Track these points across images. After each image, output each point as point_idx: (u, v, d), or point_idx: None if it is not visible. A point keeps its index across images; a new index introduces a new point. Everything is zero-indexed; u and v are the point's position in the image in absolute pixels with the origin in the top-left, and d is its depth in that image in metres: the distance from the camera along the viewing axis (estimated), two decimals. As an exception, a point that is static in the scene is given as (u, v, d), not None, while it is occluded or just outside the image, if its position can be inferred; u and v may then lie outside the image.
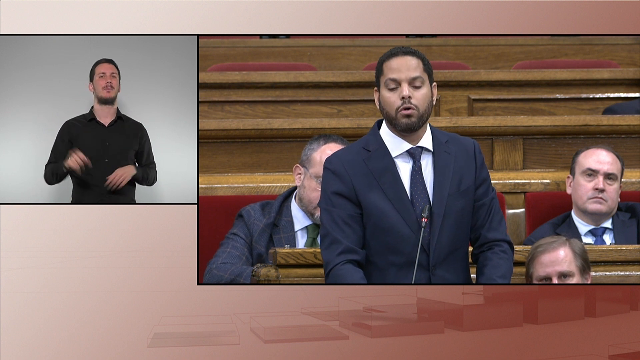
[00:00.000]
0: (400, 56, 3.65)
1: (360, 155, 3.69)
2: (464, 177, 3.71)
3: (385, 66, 3.66)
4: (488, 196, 3.76)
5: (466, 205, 3.71)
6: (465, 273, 3.74)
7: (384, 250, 3.66)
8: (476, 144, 3.77)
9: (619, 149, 4.97)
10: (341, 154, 3.73)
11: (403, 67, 3.63)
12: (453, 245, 3.68)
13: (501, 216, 3.80)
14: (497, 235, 3.76)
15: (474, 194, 3.73)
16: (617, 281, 4.21)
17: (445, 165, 3.68)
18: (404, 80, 3.63)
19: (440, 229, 3.65)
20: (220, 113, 5.76)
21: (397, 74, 3.63)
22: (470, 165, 3.73)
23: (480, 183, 3.74)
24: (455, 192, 3.68)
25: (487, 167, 3.79)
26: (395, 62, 3.65)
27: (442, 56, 6.63)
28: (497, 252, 3.75)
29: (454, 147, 3.72)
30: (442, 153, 3.69)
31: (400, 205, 3.64)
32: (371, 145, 3.70)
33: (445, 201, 3.66)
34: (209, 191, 5.00)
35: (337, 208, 3.66)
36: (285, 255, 4.04)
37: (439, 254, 3.65)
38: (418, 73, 3.64)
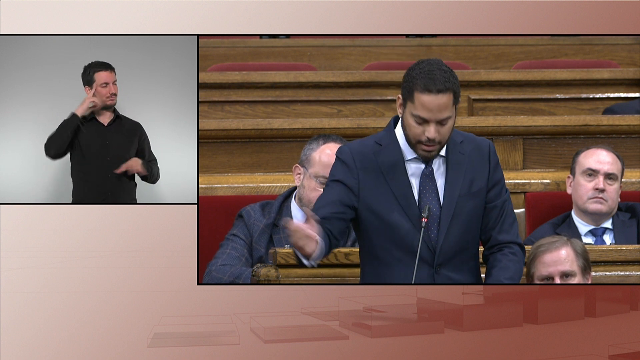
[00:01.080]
0: (433, 94, 3.53)
1: (371, 149, 3.69)
2: (476, 178, 3.69)
3: (417, 98, 3.56)
4: (500, 198, 3.73)
5: (477, 206, 3.69)
6: (472, 273, 3.73)
7: (389, 246, 3.66)
8: (491, 145, 3.74)
9: (619, 149, 4.97)
10: (354, 145, 3.73)
11: (434, 108, 3.54)
12: (460, 245, 3.67)
13: (514, 218, 3.77)
14: (507, 237, 3.74)
15: (485, 196, 3.71)
16: (617, 281, 4.21)
17: (458, 165, 3.67)
18: (432, 121, 3.57)
19: (449, 229, 3.64)
20: (220, 113, 5.76)
21: (427, 114, 3.55)
22: (484, 166, 3.71)
23: (494, 185, 3.72)
24: (467, 193, 3.67)
25: (501, 169, 3.77)
26: (428, 100, 3.54)
27: (442, 56, 6.62)
28: (506, 253, 3.73)
29: (469, 147, 3.70)
30: (456, 154, 3.68)
31: (404, 202, 3.64)
32: (384, 140, 3.69)
33: (456, 201, 3.65)
34: (209, 191, 5.00)
35: (333, 189, 3.68)
36: (285, 255, 4.04)
37: (445, 254, 3.65)
38: (448, 113, 3.56)
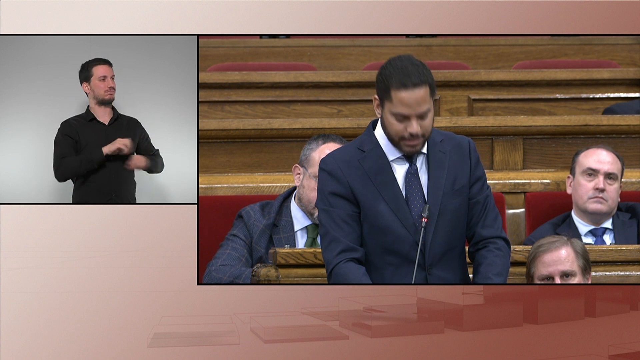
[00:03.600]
0: (410, 89, 3.53)
1: (355, 156, 3.67)
2: (458, 176, 3.70)
3: (394, 95, 3.56)
4: (482, 194, 3.74)
5: (461, 204, 3.70)
6: (462, 271, 3.73)
7: (381, 250, 3.66)
8: (471, 142, 3.75)
9: (619, 149, 4.97)
10: (336, 154, 3.71)
11: (413, 103, 3.55)
12: (449, 244, 3.68)
13: (497, 213, 3.78)
14: (491, 232, 3.75)
15: (468, 192, 3.72)
16: (617, 281, 4.21)
17: (439, 164, 3.68)
18: (413, 116, 3.57)
19: (436, 229, 3.65)
20: (220, 113, 5.76)
21: (407, 109, 3.56)
22: (465, 163, 3.72)
23: (475, 181, 3.73)
24: (450, 191, 3.67)
25: (482, 166, 3.77)
26: (406, 96, 3.54)
27: (442, 56, 6.62)
28: (492, 249, 3.74)
29: (449, 145, 3.71)
30: (436, 152, 3.68)
31: (395, 206, 3.64)
32: (366, 146, 3.68)
33: (440, 200, 3.65)
34: (209, 191, 5.00)
35: (335, 208, 3.66)
36: (285, 255, 4.04)
37: (435, 254, 3.65)
38: (427, 105, 3.57)
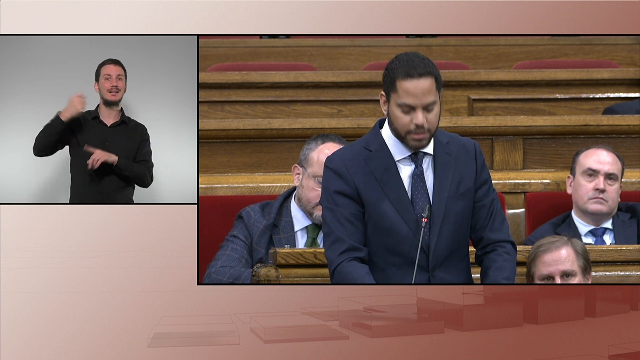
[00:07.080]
0: (415, 79, 3.55)
1: (361, 155, 3.67)
2: (464, 179, 3.69)
3: (400, 86, 3.57)
4: (488, 197, 3.74)
5: (466, 207, 3.69)
6: (465, 273, 3.73)
7: (384, 250, 3.65)
8: (477, 145, 3.76)
9: (619, 149, 4.97)
10: (342, 153, 3.71)
11: (419, 93, 3.56)
12: (452, 246, 3.67)
13: (503, 217, 3.78)
14: (499, 236, 3.75)
15: (473, 196, 3.71)
16: (617, 281, 4.21)
17: (445, 166, 3.67)
18: (419, 107, 3.57)
19: (440, 231, 3.64)
20: (220, 113, 5.76)
21: (413, 99, 3.56)
22: (471, 166, 3.71)
23: (481, 184, 3.73)
24: (455, 194, 3.67)
25: (488, 168, 3.78)
26: (411, 86, 3.56)
27: (442, 56, 6.62)
28: (500, 253, 3.73)
29: (455, 148, 3.70)
30: (442, 154, 3.68)
31: (400, 206, 3.63)
32: (372, 145, 3.67)
33: (445, 203, 3.65)
34: (209, 191, 5.00)
35: (340, 207, 3.65)
36: (285, 255, 4.04)
37: (439, 256, 3.65)
38: (433, 97, 3.58)
